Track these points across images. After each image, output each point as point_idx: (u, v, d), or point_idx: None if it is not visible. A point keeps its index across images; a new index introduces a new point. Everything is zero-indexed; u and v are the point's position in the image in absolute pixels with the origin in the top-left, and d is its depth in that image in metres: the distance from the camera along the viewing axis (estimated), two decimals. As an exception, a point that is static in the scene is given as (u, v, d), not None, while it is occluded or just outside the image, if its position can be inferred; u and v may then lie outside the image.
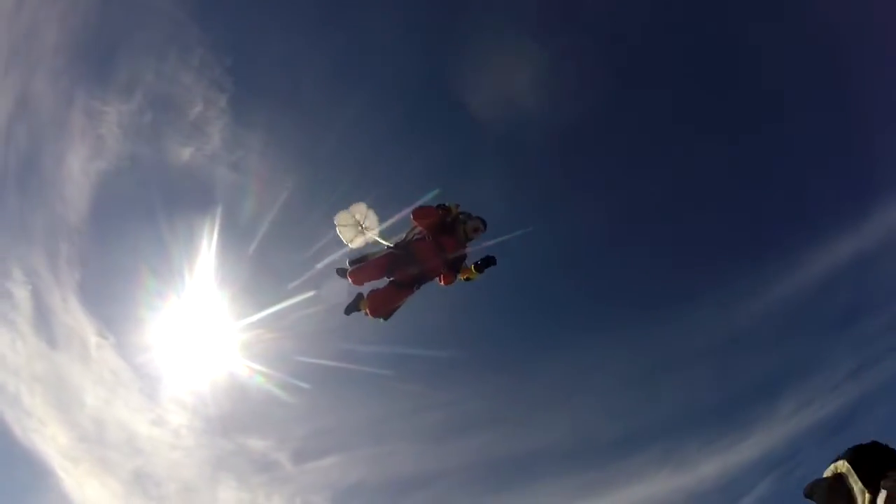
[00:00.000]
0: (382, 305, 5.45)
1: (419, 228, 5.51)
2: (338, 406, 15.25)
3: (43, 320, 14.20)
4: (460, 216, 5.50)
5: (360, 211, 5.70)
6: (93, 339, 14.21)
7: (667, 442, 16.09)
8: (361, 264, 5.56)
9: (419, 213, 5.44)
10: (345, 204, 5.67)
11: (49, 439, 14.64)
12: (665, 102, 14.65)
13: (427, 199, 5.65)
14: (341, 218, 5.74)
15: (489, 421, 16.15)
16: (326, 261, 5.96)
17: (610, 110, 14.48)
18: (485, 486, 16.63)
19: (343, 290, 5.75)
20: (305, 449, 15.75)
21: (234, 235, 11.99)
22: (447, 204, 5.49)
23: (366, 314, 5.54)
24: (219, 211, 12.48)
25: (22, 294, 13.93)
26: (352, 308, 5.67)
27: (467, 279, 5.44)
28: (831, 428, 15.46)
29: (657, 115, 14.72)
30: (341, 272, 5.71)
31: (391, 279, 5.48)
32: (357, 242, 5.71)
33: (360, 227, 5.68)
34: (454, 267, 5.46)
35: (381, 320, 5.50)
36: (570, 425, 16.50)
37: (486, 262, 5.36)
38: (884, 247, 14.23)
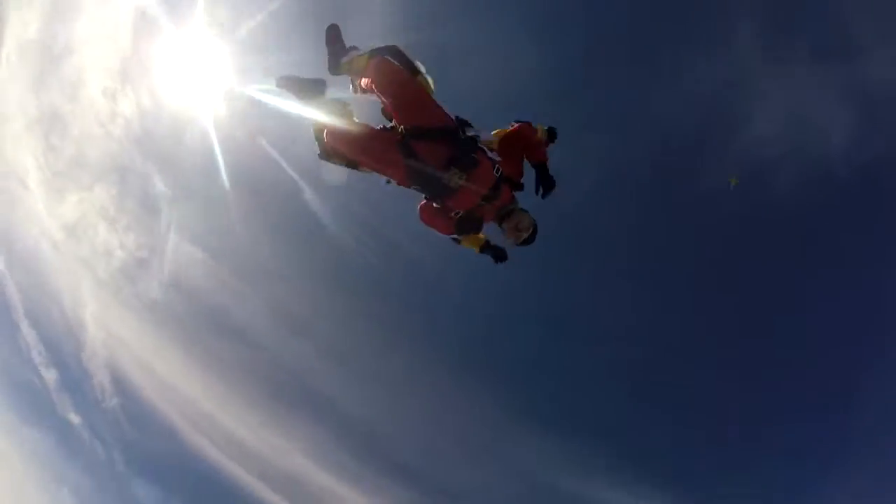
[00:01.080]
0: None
1: (496, 146, 3.49)
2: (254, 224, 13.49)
3: None
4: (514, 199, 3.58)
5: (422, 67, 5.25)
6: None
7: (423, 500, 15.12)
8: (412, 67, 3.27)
9: (526, 131, 3.47)
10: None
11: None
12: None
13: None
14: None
15: (352, 345, 14.76)
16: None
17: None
18: (270, 392, 15.45)
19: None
20: (193, 232, 14.10)
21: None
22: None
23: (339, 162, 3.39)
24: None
25: None
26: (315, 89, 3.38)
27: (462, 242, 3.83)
28: None
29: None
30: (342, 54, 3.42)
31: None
32: None
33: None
34: (469, 223, 3.55)
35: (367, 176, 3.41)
36: (387, 415, 15.17)
37: (495, 254, 3.76)
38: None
